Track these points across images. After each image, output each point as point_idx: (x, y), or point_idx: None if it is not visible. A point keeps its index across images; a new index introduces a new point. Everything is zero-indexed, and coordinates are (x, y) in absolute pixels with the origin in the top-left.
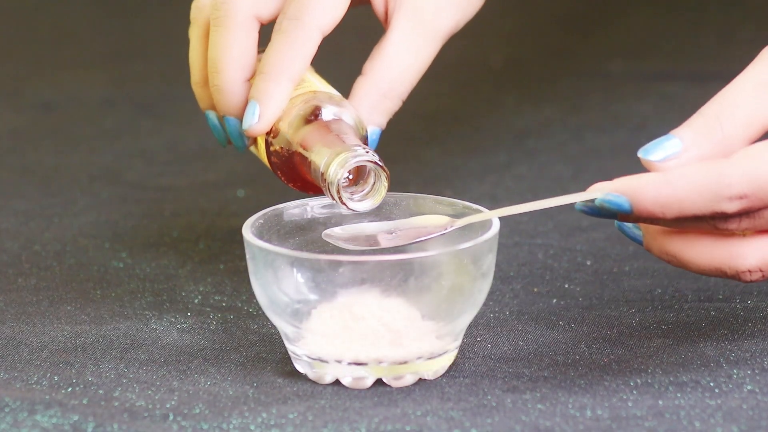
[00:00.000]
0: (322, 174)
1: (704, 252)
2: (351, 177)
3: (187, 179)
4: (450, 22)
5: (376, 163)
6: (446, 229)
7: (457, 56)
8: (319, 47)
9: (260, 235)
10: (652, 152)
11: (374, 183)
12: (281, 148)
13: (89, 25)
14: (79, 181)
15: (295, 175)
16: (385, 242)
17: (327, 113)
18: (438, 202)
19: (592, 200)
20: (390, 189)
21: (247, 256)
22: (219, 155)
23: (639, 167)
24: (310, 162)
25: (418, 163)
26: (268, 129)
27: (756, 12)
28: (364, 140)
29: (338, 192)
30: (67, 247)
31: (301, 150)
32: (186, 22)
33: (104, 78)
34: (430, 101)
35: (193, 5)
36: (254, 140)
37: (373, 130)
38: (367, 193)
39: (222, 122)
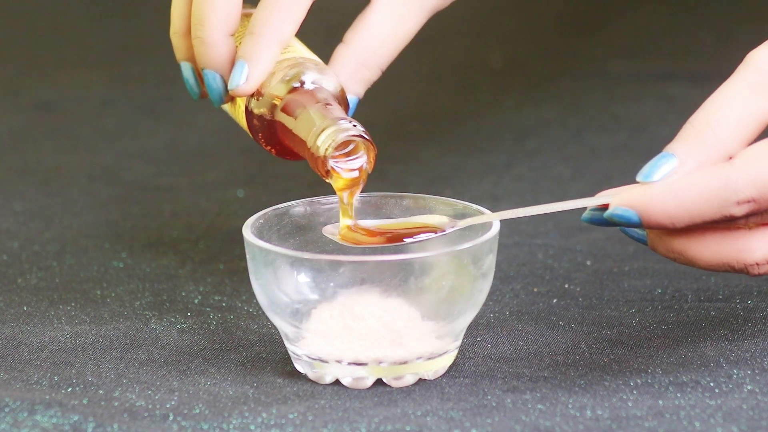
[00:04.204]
0: (309, 148)
1: (711, 248)
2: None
3: (187, 179)
4: None
5: (363, 137)
6: (442, 231)
7: (457, 56)
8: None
9: (260, 235)
10: (651, 174)
11: (359, 155)
12: (264, 112)
13: (89, 25)
14: (79, 181)
15: (275, 140)
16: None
17: (312, 81)
18: (438, 202)
19: (599, 211)
20: (390, 189)
21: (247, 256)
22: (218, 155)
23: (638, 167)
24: (294, 132)
25: (418, 163)
26: (253, 90)
27: (756, 12)
28: (347, 109)
29: (324, 166)
30: (66, 247)
31: (285, 117)
32: None
33: (104, 78)
34: (430, 101)
35: None
36: (232, 98)
37: (351, 99)
38: (352, 167)
39: (198, 75)
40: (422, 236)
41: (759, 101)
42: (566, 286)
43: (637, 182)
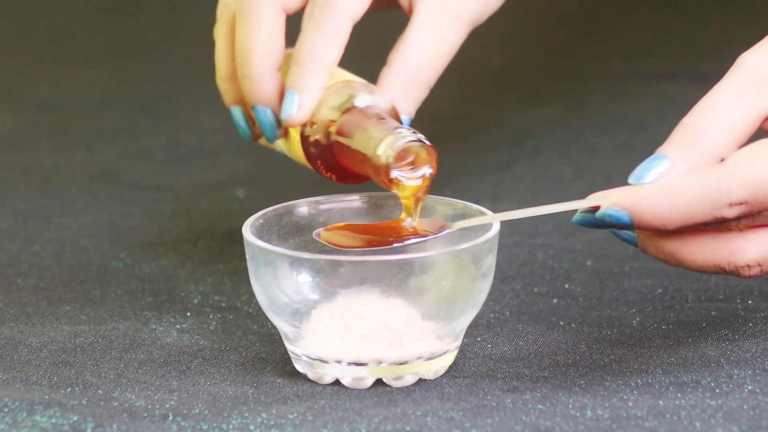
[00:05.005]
0: (370, 159)
1: (702, 249)
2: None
3: (187, 179)
4: (476, 8)
5: (422, 142)
6: (436, 234)
7: (457, 56)
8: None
9: (260, 235)
10: (643, 177)
11: (419, 163)
12: (320, 137)
13: (88, 25)
14: (78, 181)
15: (335, 164)
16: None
17: (363, 100)
18: (438, 202)
19: (590, 212)
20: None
21: (247, 256)
22: (218, 155)
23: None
24: (353, 150)
25: None
26: (307, 118)
27: (756, 12)
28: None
29: (388, 175)
30: (66, 247)
31: (342, 138)
32: (185, 22)
33: (103, 78)
34: (430, 101)
35: (220, 3)
36: (285, 132)
37: (403, 119)
38: (415, 175)
39: (250, 116)
40: (411, 240)
41: (750, 103)
42: (566, 286)
43: (630, 184)
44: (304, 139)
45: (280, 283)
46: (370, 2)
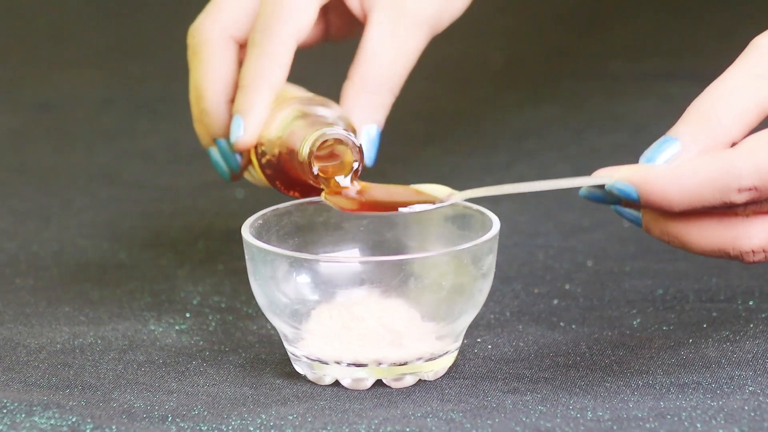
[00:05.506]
0: (297, 158)
1: (707, 233)
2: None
3: (186, 179)
4: (431, 13)
5: (342, 135)
6: (445, 202)
7: (457, 56)
8: (306, 59)
9: (259, 235)
10: (654, 158)
11: (345, 160)
12: (271, 156)
13: (87, 25)
14: (77, 181)
15: (290, 179)
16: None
17: (309, 113)
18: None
19: (597, 186)
20: None
21: (247, 257)
22: None
23: None
24: (291, 156)
25: (418, 163)
26: (254, 140)
27: (756, 12)
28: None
29: (311, 171)
30: (65, 247)
31: (284, 150)
32: (185, 22)
33: (102, 78)
34: (430, 101)
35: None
36: (248, 160)
37: (372, 128)
38: (341, 171)
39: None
40: (417, 207)
41: (762, 88)
42: (567, 286)
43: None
44: (259, 162)
45: (279, 283)
46: (313, 20)
